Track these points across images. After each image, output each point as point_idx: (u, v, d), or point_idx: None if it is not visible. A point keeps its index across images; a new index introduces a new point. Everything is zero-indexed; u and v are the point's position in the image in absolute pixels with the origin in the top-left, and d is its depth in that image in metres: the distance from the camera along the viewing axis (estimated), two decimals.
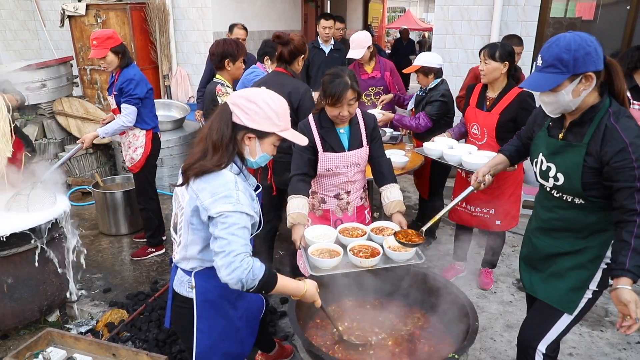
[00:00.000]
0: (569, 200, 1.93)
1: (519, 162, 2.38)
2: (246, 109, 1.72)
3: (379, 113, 3.81)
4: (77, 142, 3.71)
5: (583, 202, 1.89)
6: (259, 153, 1.81)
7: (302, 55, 3.20)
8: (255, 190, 1.92)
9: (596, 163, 1.79)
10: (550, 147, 1.96)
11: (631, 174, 1.70)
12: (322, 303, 1.96)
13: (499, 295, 3.52)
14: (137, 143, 3.84)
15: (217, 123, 1.74)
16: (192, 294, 1.89)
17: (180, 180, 1.82)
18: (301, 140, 1.84)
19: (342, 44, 5.38)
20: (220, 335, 1.96)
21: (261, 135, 1.76)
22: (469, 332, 1.93)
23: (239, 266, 1.60)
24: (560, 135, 1.93)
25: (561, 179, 1.90)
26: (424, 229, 2.33)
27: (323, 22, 5.13)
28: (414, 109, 3.95)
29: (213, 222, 1.67)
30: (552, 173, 1.94)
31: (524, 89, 3.05)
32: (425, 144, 3.35)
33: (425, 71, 3.73)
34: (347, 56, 4.42)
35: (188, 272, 1.89)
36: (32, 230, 2.77)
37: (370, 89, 4.40)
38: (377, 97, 4.39)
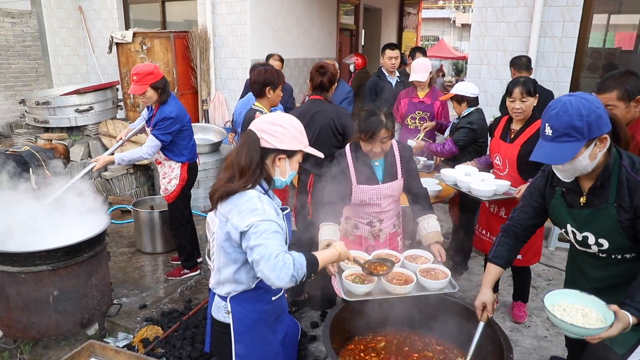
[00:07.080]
0: (619, 257, 1.91)
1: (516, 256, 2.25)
2: (274, 132, 1.81)
3: (411, 141, 3.89)
4: (91, 161, 3.56)
5: (635, 254, 1.87)
6: (288, 172, 1.91)
7: (335, 83, 3.49)
8: (283, 211, 1.97)
9: (631, 217, 1.77)
10: (578, 218, 1.92)
11: None
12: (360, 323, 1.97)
13: (533, 330, 3.44)
14: (172, 175, 3.84)
15: (246, 150, 1.81)
16: (229, 319, 1.92)
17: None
18: (319, 153, 1.97)
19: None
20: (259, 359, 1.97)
21: (290, 154, 1.87)
22: None
23: (283, 264, 1.64)
24: (582, 200, 1.90)
25: (605, 244, 1.87)
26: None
27: (388, 53, 5.06)
28: (449, 136, 4.01)
29: (246, 237, 1.71)
30: (591, 241, 1.90)
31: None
32: (443, 171, 3.41)
33: (458, 99, 3.84)
34: (411, 79, 4.50)
35: (224, 298, 1.92)
36: (78, 244, 2.92)
37: (417, 112, 4.50)
38: (421, 121, 4.48)
